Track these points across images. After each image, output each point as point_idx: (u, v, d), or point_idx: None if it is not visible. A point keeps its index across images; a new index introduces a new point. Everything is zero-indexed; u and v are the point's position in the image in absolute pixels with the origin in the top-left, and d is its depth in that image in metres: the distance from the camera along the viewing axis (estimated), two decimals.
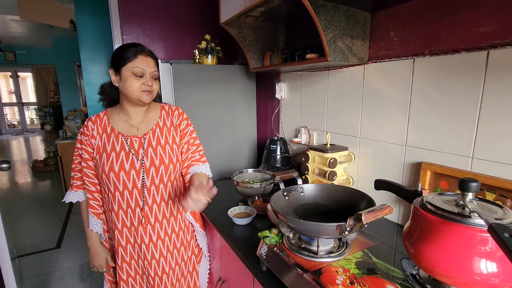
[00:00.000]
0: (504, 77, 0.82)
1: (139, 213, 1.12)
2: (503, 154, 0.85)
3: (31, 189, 4.57)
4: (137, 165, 1.09)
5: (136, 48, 1.06)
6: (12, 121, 9.83)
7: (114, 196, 1.10)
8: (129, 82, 1.04)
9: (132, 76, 1.04)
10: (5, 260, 1.61)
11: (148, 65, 1.06)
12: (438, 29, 0.98)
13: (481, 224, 0.56)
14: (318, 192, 1.03)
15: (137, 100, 1.08)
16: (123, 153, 1.09)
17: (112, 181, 1.08)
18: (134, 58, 1.04)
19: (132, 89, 1.05)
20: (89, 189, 1.15)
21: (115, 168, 1.07)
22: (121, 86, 1.07)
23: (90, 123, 1.13)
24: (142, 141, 1.12)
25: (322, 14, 1.05)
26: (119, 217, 1.13)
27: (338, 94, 1.40)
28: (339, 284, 0.68)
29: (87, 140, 1.11)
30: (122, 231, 1.14)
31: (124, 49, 1.06)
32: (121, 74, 1.05)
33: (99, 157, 1.09)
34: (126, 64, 1.04)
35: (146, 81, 1.06)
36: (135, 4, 2.05)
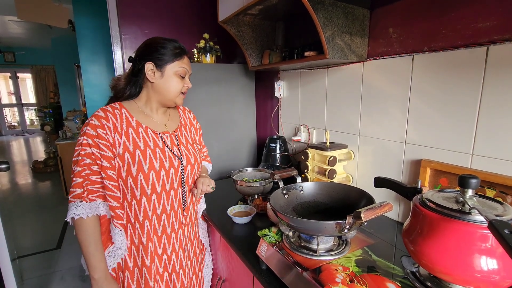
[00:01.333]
0: (504, 73, 0.82)
1: (180, 215, 1.04)
2: (503, 150, 0.84)
3: (31, 190, 4.57)
4: (176, 163, 1.00)
5: (183, 48, 1.00)
6: (12, 122, 9.83)
7: (150, 200, 0.96)
8: (172, 82, 0.98)
9: (177, 76, 0.98)
10: (5, 261, 1.61)
11: (190, 67, 1.02)
12: (437, 26, 0.97)
13: (481, 220, 0.56)
14: (318, 190, 1.03)
15: (171, 102, 1.01)
16: (158, 150, 0.97)
17: (150, 182, 0.94)
18: (181, 58, 0.98)
19: (174, 90, 0.99)
20: (115, 196, 0.94)
21: (156, 167, 0.95)
22: (160, 84, 0.98)
23: (109, 114, 0.93)
24: (174, 138, 1.04)
25: (321, 11, 1.05)
26: (153, 225, 0.99)
27: (337, 91, 1.40)
28: (338, 282, 0.68)
29: (107, 135, 0.90)
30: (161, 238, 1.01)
31: (173, 45, 0.98)
32: (163, 71, 0.97)
33: (130, 156, 0.92)
34: (173, 62, 0.97)
35: (187, 83, 1.01)
36: (133, 3, 2.04)
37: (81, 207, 0.88)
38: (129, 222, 0.98)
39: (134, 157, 0.92)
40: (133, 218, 0.97)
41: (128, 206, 0.97)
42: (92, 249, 0.91)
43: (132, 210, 0.97)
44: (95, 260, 0.91)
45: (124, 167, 0.92)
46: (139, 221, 0.97)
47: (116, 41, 2.15)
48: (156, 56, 0.96)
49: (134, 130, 0.95)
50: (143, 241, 0.98)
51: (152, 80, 0.98)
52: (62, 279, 2.34)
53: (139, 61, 0.98)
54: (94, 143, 0.90)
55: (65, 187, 4.05)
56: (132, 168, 0.92)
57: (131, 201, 0.96)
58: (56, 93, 7.75)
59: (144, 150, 0.94)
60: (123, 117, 0.95)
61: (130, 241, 0.99)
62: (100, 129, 0.90)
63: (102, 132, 0.90)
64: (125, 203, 0.96)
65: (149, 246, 0.99)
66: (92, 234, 0.91)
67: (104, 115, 0.93)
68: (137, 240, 0.99)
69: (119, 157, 0.92)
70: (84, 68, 3.35)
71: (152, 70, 0.97)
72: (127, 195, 0.95)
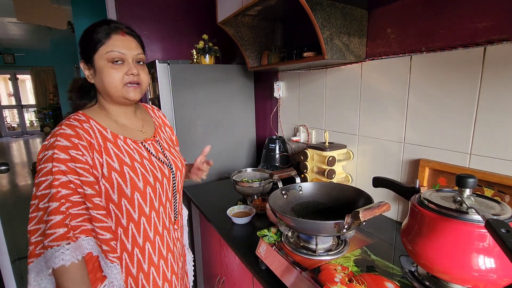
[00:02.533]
0: (501, 72, 0.82)
1: (175, 227, 0.93)
2: (501, 150, 0.85)
3: (31, 191, 4.56)
4: (166, 171, 0.88)
5: (108, 26, 0.77)
6: (11, 124, 9.82)
7: (150, 219, 0.83)
8: (106, 74, 0.77)
9: (109, 65, 0.77)
10: (5, 262, 1.61)
11: (129, 46, 0.79)
12: (434, 26, 0.97)
13: (479, 220, 0.56)
14: (316, 190, 1.03)
15: (121, 98, 0.80)
16: (146, 161, 0.83)
17: (148, 198, 0.82)
18: (107, 39, 0.76)
19: (111, 83, 0.77)
20: (106, 226, 0.76)
21: (150, 180, 0.82)
22: (97, 82, 0.80)
23: (79, 130, 0.74)
24: (156, 145, 0.91)
25: (319, 12, 1.05)
26: (155, 246, 0.85)
27: (336, 92, 1.40)
28: (337, 282, 0.68)
29: (84, 156, 0.72)
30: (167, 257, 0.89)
31: (94, 29, 0.77)
32: (93, 65, 0.78)
33: (119, 175, 0.77)
34: (97, 50, 0.76)
35: (129, 69, 0.78)
36: (132, 5, 2.05)
37: (69, 251, 0.67)
38: (125, 250, 0.81)
39: (124, 175, 0.77)
40: (130, 245, 0.81)
41: (124, 232, 0.80)
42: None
43: (129, 235, 0.81)
44: None
45: (114, 189, 0.77)
46: (138, 245, 0.82)
47: None
48: (83, 51, 0.80)
49: (113, 144, 0.79)
50: (144, 267, 0.84)
51: (90, 80, 0.82)
52: None
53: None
54: (70, 169, 0.70)
55: None
56: (125, 188, 0.78)
57: (127, 225, 0.80)
58: (56, 94, 7.77)
59: (132, 165, 0.80)
60: (95, 130, 0.78)
61: (125, 273, 0.81)
62: (73, 150, 0.71)
63: (77, 154, 0.71)
64: (119, 231, 0.80)
65: (151, 272, 0.85)
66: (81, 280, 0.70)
67: (74, 132, 0.73)
68: (136, 269, 0.82)
69: (105, 179, 0.75)
70: None
71: (85, 69, 0.81)
72: (121, 220, 0.79)
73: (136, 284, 0.83)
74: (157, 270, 0.86)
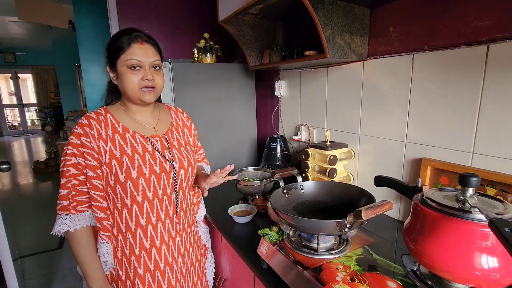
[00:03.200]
0: (505, 71, 0.82)
1: (175, 221, 0.98)
2: (504, 149, 0.84)
3: (32, 190, 4.58)
4: (167, 167, 0.94)
5: (129, 35, 0.88)
6: (13, 123, 9.84)
7: (142, 208, 0.90)
8: (125, 79, 0.88)
9: (128, 70, 0.87)
10: (7, 261, 1.61)
11: (146, 54, 0.88)
12: (437, 24, 0.97)
13: (482, 219, 0.56)
14: (318, 189, 1.03)
15: (138, 100, 0.92)
16: (147, 155, 0.91)
17: (141, 189, 0.89)
18: (128, 48, 0.87)
19: (129, 87, 0.88)
20: (102, 206, 0.89)
21: (145, 173, 0.89)
22: (119, 84, 0.91)
23: (92, 121, 0.89)
24: (164, 142, 0.98)
25: (321, 10, 1.05)
26: (147, 234, 0.92)
27: (338, 91, 1.40)
28: (339, 281, 0.68)
29: (91, 143, 0.86)
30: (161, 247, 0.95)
31: (117, 38, 0.88)
32: (116, 70, 0.89)
33: (118, 163, 0.87)
34: (119, 57, 0.87)
35: (145, 74, 0.88)
36: (133, 4, 2.04)
37: (67, 220, 0.85)
38: (120, 232, 0.91)
39: (122, 164, 0.87)
40: (124, 228, 0.91)
41: (119, 216, 0.91)
42: (88, 260, 0.87)
43: (123, 219, 0.91)
44: (92, 270, 0.88)
45: (111, 175, 0.87)
46: (130, 230, 0.91)
47: None
48: (108, 56, 0.91)
49: (120, 136, 0.90)
50: (136, 251, 0.92)
51: (114, 82, 0.94)
52: (64, 279, 2.35)
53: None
54: (79, 152, 0.86)
55: None
56: (120, 175, 0.87)
57: (122, 210, 0.90)
58: (57, 93, 7.77)
59: (132, 156, 0.89)
60: (108, 123, 0.90)
61: (121, 253, 0.92)
62: (84, 138, 0.86)
63: (86, 141, 0.86)
64: (115, 213, 0.91)
65: (142, 256, 0.92)
66: (86, 245, 0.88)
67: (88, 122, 0.88)
68: (129, 251, 0.92)
69: (106, 165, 0.87)
70: (84, 68, 3.36)
71: (110, 71, 0.93)
72: (117, 204, 0.90)
73: (129, 265, 0.93)
74: (148, 256, 0.94)
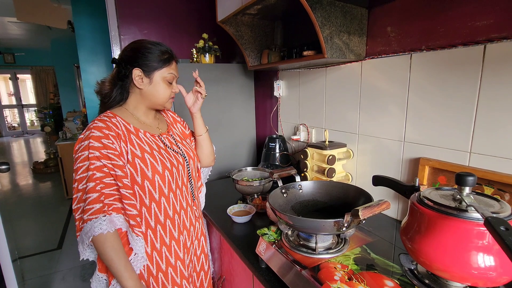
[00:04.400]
0: (501, 70, 0.82)
1: (194, 208, 1.10)
2: (501, 148, 0.85)
3: (32, 191, 4.58)
4: (181, 160, 1.04)
5: (171, 54, 0.99)
6: (12, 123, 9.84)
7: (168, 199, 0.98)
8: (160, 89, 0.97)
9: (165, 82, 0.97)
10: (6, 262, 1.61)
11: (177, 72, 1.03)
12: (434, 24, 0.97)
13: (478, 218, 0.56)
14: (316, 189, 1.03)
15: (160, 106, 1.02)
16: (162, 151, 0.99)
17: (167, 180, 0.96)
18: (170, 64, 0.97)
19: (163, 96, 0.99)
20: (133, 203, 0.90)
21: (167, 165, 0.97)
22: (148, 90, 0.97)
23: (108, 123, 0.90)
24: (171, 138, 1.07)
25: (319, 10, 1.05)
26: (175, 223, 1.00)
27: (336, 91, 1.40)
28: (337, 280, 0.69)
29: (113, 144, 0.87)
30: (179, 240, 1.01)
31: (160, 51, 0.96)
32: (152, 78, 0.96)
33: (141, 161, 0.91)
34: (162, 69, 0.96)
35: (174, 88, 1.02)
36: (132, 4, 2.04)
37: (106, 222, 0.82)
38: (149, 227, 0.95)
39: (145, 161, 0.92)
40: (153, 222, 0.95)
41: (147, 211, 0.94)
42: (124, 262, 0.85)
43: (151, 214, 0.95)
44: (129, 271, 0.86)
45: (137, 173, 0.91)
46: (160, 222, 0.96)
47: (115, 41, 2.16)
48: (143, 63, 0.94)
49: (135, 135, 0.94)
50: (166, 241, 0.97)
51: (140, 86, 0.96)
52: (63, 279, 2.35)
53: (125, 66, 0.96)
54: (103, 155, 0.85)
55: (66, 187, 4.06)
56: (146, 172, 0.92)
57: (150, 204, 0.94)
58: (56, 94, 7.76)
59: (152, 153, 0.95)
60: (121, 124, 0.93)
61: (151, 247, 0.95)
62: (105, 139, 0.86)
63: (108, 142, 0.87)
64: (142, 210, 0.94)
65: (172, 246, 0.98)
66: (120, 247, 0.85)
67: (104, 125, 0.89)
68: (159, 244, 0.96)
69: (130, 164, 0.90)
70: (83, 69, 3.35)
71: (140, 76, 0.95)
72: (145, 200, 0.93)
73: (160, 257, 0.97)
74: (177, 243, 1.01)
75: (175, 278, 1.00)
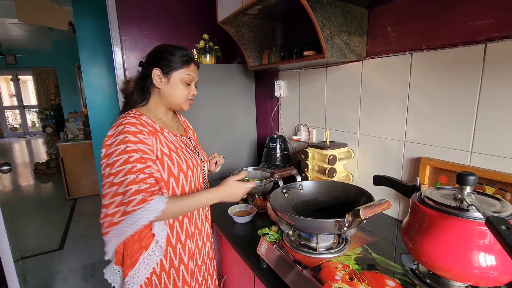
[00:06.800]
0: (502, 70, 0.82)
1: (205, 211, 1.12)
2: (502, 147, 0.85)
3: (33, 191, 4.59)
4: (199, 160, 1.08)
5: (191, 56, 1.03)
6: (13, 124, 9.86)
7: None
8: (178, 89, 1.00)
9: (182, 83, 1.00)
10: (8, 262, 1.62)
11: (196, 75, 1.05)
12: (435, 24, 0.97)
13: (479, 217, 0.56)
14: (317, 189, 1.03)
15: (178, 107, 1.04)
16: (184, 151, 1.02)
17: (189, 179, 1.00)
18: (188, 65, 1.00)
19: (180, 97, 1.01)
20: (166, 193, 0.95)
21: (190, 164, 1.00)
22: (166, 90, 1.00)
23: (140, 120, 0.93)
24: (188, 140, 1.11)
25: (319, 10, 1.05)
26: (192, 220, 1.04)
27: (337, 91, 1.40)
28: (338, 280, 0.69)
29: (147, 139, 0.90)
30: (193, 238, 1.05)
31: (181, 53, 1.00)
32: (170, 78, 0.99)
33: (168, 159, 0.95)
34: (180, 69, 0.99)
35: (193, 90, 1.04)
36: (133, 5, 2.05)
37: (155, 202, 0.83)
38: (168, 222, 0.97)
39: (172, 158, 0.95)
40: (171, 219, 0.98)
41: None
42: (193, 198, 0.92)
43: None
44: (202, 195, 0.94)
45: (164, 169, 0.93)
46: (178, 219, 1.00)
47: (116, 42, 2.16)
48: (163, 63, 0.98)
49: (161, 134, 0.97)
50: (182, 238, 1.01)
51: (158, 85, 1.00)
52: (65, 279, 2.35)
53: (147, 66, 1.00)
54: (139, 149, 0.87)
55: (67, 188, 4.07)
56: (173, 169, 0.95)
57: None
58: (57, 94, 7.78)
59: (177, 151, 0.98)
60: (148, 122, 0.95)
61: (167, 242, 0.97)
62: (140, 135, 0.89)
63: (144, 138, 0.89)
64: None
65: (186, 243, 1.02)
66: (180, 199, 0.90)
67: (137, 121, 0.91)
68: (175, 240, 0.99)
69: (159, 160, 0.93)
70: (84, 70, 3.36)
71: (158, 76, 0.99)
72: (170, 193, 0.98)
73: (174, 253, 0.99)
74: (191, 241, 1.04)
75: (186, 277, 1.02)
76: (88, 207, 3.85)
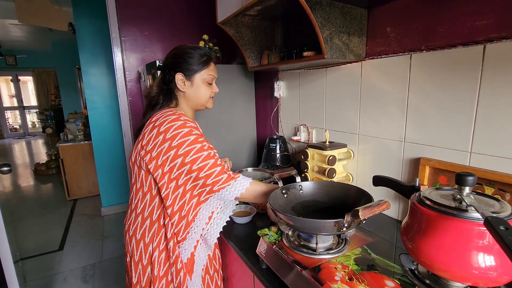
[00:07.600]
0: (501, 70, 0.82)
1: None
2: (502, 148, 0.85)
3: (33, 192, 4.59)
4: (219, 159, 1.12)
5: (208, 56, 1.05)
6: (13, 125, 9.87)
7: None
8: (202, 90, 1.04)
9: (205, 83, 1.04)
10: (8, 263, 1.62)
11: (216, 73, 1.08)
12: (434, 24, 0.97)
13: (478, 218, 0.56)
14: (317, 189, 1.03)
15: (202, 107, 1.09)
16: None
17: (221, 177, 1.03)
18: (208, 65, 1.04)
19: (204, 97, 1.06)
20: None
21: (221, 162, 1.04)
22: (191, 92, 1.04)
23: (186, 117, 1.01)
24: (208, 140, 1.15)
25: (318, 11, 1.05)
26: None
27: (336, 91, 1.40)
28: (337, 280, 0.69)
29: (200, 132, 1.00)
30: None
31: (199, 54, 1.03)
32: (193, 81, 1.03)
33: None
34: (201, 71, 1.02)
35: (214, 88, 1.08)
36: (133, 6, 2.05)
37: (242, 179, 0.96)
38: None
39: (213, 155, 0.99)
40: None
41: None
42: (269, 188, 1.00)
43: None
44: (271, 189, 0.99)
45: None
46: None
47: (116, 43, 2.17)
48: (185, 67, 1.01)
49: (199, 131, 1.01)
50: None
51: (183, 89, 1.04)
52: (65, 280, 2.35)
53: (169, 71, 1.03)
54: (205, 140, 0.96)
55: (67, 189, 4.07)
56: None
57: None
58: (57, 95, 7.79)
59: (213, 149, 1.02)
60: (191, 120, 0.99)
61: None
62: (196, 130, 0.96)
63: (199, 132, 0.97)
64: None
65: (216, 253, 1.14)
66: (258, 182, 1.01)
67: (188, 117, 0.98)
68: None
69: None
70: (84, 70, 3.37)
71: (182, 80, 1.02)
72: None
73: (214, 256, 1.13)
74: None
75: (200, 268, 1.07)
76: (88, 207, 3.85)
